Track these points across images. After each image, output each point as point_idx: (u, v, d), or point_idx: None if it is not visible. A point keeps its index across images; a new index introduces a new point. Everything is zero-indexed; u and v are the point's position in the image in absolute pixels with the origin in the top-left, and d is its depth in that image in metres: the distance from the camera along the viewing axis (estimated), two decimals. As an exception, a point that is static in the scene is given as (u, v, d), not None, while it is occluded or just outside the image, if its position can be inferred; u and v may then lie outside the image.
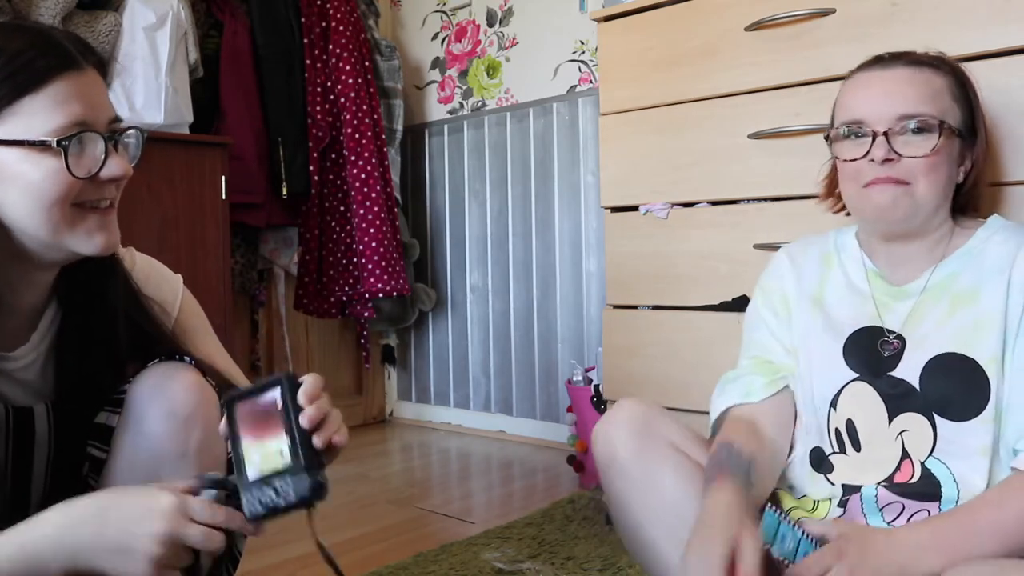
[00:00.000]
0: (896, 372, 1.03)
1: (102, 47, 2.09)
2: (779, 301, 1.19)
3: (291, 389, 0.80)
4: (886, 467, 1.01)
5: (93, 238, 0.87)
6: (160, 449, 0.90)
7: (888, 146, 1.02)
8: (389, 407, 3.32)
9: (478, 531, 1.90)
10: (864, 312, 1.09)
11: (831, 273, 1.16)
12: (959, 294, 1.03)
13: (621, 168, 1.95)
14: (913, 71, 1.05)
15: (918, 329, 1.04)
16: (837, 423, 1.06)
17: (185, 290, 1.10)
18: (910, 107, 1.02)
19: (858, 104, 1.06)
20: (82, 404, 0.95)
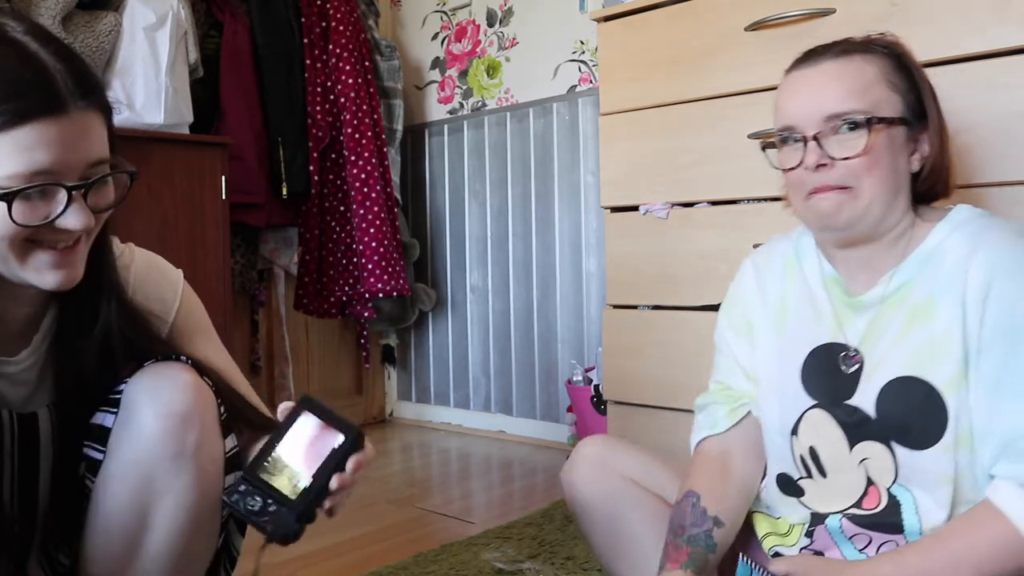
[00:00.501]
0: (853, 400, 0.99)
1: (102, 47, 2.09)
2: (740, 319, 1.15)
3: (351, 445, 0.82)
4: (852, 494, 0.99)
5: (44, 275, 0.84)
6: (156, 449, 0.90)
7: (820, 151, 0.95)
8: (389, 407, 3.32)
9: (478, 531, 1.90)
10: (823, 327, 1.04)
11: (792, 285, 1.09)
12: (915, 307, 0.96)
13: (621, 168, 1.95)
14: (840, 64, 0.97)
15: (876, 347, 0.98)
16: (800, 450, 1.03)
17: (186, 286, 1.09)
18: (836, 105, 0.95)
19: (787, 108, 1.00)
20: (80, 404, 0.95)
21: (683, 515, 1.05)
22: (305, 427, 0.83)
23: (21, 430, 0.94)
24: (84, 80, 0.82)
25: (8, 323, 0.92)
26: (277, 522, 0.79)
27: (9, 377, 0.93)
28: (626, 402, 1.95)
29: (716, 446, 1.10)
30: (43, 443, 0.95)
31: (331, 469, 0.81)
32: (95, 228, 0.88)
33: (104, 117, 0.84)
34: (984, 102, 1.39)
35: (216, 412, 0.94)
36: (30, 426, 0.95)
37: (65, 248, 0.84)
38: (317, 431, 0.83)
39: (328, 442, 0.82)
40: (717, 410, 1.13)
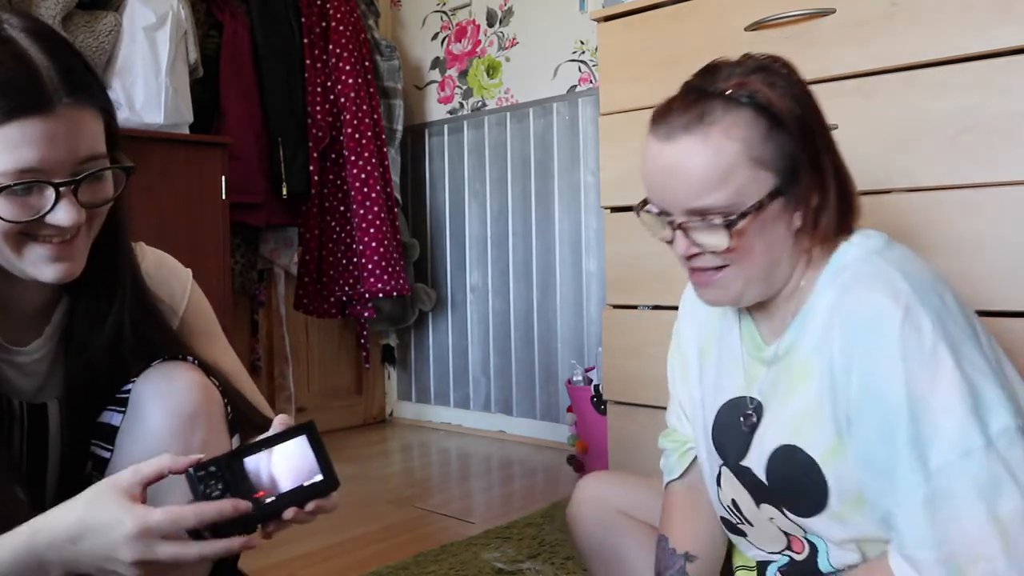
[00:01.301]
0: (746, 462, 0.97)
1: (102, 47, 2.09)
2: (678, 359, 1.14)
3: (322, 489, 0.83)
4: (777, 543, 0.99)
5: (41, 269, 0.85)
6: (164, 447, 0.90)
7: (687, 240, 0.90)
8: (389, 407, 3.32)
9: (478, 531, 1.90)
10: (735, 379, 1.01)
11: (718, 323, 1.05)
12: (795, 372, 0.92)
13: (621, 168, 1.95)
14: (696, 143, 0.86)
15: (770, 403, 0.95)
16: (725, 500, 1.03)
17: (194, 285, 1.09)
18: (694, 200, 0.86)
19: (650, 188, 0.92)
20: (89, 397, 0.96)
21: (659, 561, 1.09)
22: (296, 450, 0.83)
23: (31, 420, 0.94)
24: (74, 77, 0.81)
25: (19, 314, 0.93)
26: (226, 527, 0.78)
27: (20, 367, 0.94)
28: (626, 402, 1.95)
29: (681, 487, 1.13)
30: (52, 434, 0.96)
31: (295, 500, 0.81)
32: (96, 222, 0.88)
33: (99, 113, 0.84)
34: (984, 102, 1.39)
35: (223, 411, 0.95)
36: (40, 417, 0.95)
37: (61, 242, 0.84)
38: (304, 459, 0.83)
39: (306, 474, 0.83)
40: (671, 455, 1.16)
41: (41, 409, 0.95)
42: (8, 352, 0.93)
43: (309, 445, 0.84)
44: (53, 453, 0.97)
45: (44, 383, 0.96)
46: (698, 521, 1.09)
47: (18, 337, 0.94)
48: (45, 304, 0.96)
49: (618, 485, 1.23)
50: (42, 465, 0.96)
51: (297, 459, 0.83)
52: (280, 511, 0.81)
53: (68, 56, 0.83)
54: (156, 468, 0.77)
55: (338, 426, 3.11)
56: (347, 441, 2.94)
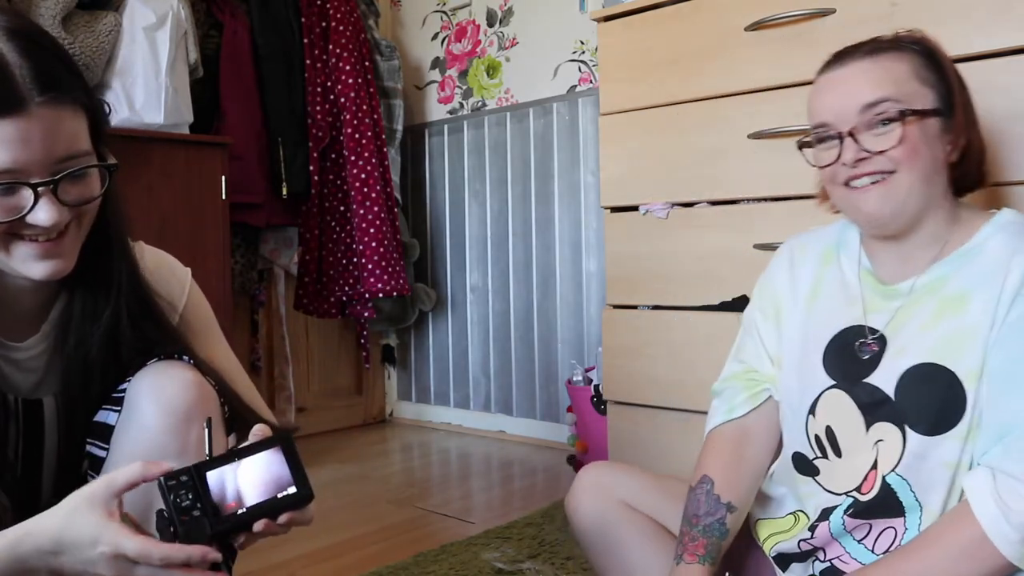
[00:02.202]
0: (872, 379, 1.00)
1: (102, 47, 2.09)
2: (769, 303, 1.16)
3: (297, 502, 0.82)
4: (856, 477, 1.00)
5: (30, 266, 0.85)
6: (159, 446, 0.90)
7: (856, 145, 0.98)
8: (389, 407, 3.32)
9: (478, 531, 1.90)
10: (850, 313, 1.06)
11: (828, 270, 1.11)
12: (947, 299, 0.97)
13: (621, 168, 1.95)
14: (870, 62, 0.99)
15: (900, 333, 1.00)
16: (816, 430, 1.05)
17: (193, 284, 1.09)
18: (869, 95, 0.97)
19: (820, 106, 1.02)
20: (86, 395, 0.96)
21: (697, 503, 1.08)
22: (271, 462, 0.82)
23: (26, 415, 0.95)
24: (49, 75, 0.80)
25: (16, 310, 0.93)
26: (192, 528, 0.77)
27: (17, 363, 0.94)
28: (626, 402, 1.95)
29: (732, 430, 1.13)
30: (47, 430, 0.96)
31: (266, 512, 0.81)
32: (86, 219, 0.88)
33: (80, 110, 0.83)
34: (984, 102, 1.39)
35: (219, 410, 0.95)
36: (35, 412, 0.95)
37: (48, 240, 0.84)
38: (277, 471, 0.82)
39: (279, 486, 0.82)
40: (736, 394, 1.14)
41: (37, 405, 0.96)
42: (5, 348, 0.93)
43: (283, 456, 0.83)
44: (49, 449, 0.97)
45: (41, 379, 0.96)
46: (743, 470, 1.10)
47: (15, 333, 0.94)
48: (43, 301, 0.96)
49: (619, 475, 1.22)
50: (37, 461, 0.96)
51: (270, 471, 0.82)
52: (250, 523, 0.80)
53: (43, 54, 0.81)
54: (128, 478, 0.76)
55: (338, 426, 3.11)
56: (347, 441, 2.94)
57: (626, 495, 1.18)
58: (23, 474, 0.95)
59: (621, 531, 1.16)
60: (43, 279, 0.86)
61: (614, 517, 1.16)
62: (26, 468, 0.95)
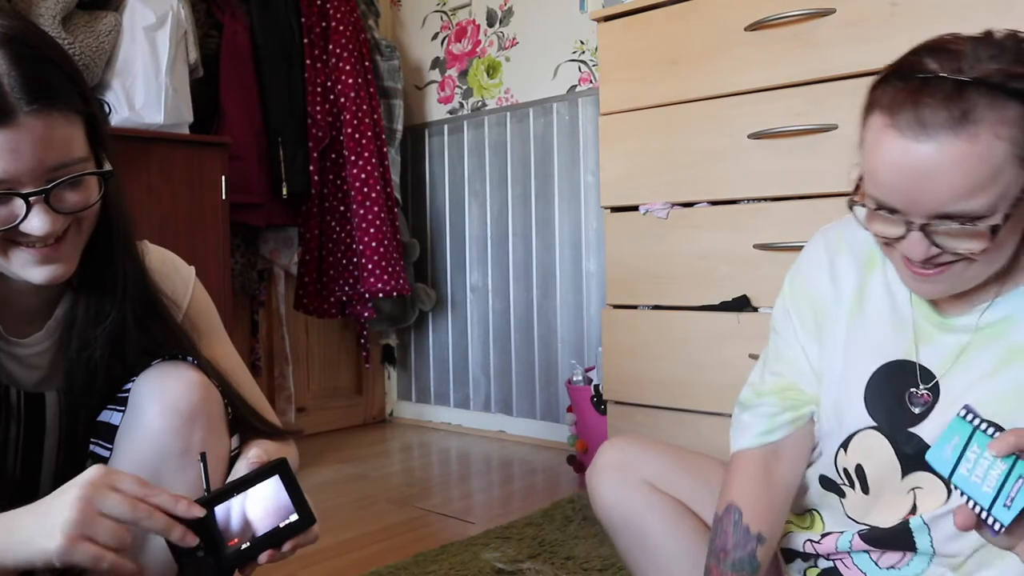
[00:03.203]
0: (919, 429, 0.90)
1: (102, 47, 2.09)
2: (808, 309, 1.02)
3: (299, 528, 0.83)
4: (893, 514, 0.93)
5: (29, 271, 0.85)
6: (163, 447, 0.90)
7: (928, 242, 0.80)
8: (389, 407, 3.32)
9: (478, 531, 1.90)
10: (900, 341, 0.93)
11: (872, 278, 0.98)
12: (1014, 347, 0.86)
13: (621, 168, 1.95)
14: (963, 145, 0.75)
15: (958, 379, 0.89)
16: (846, 464, 0.97)
17: (197, 283, 1.09)
18: (951, 204, 0.77)
19: (889, 185, 0.81)
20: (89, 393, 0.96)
21: (725, 536, 0.98)
22: (270, 491, 0.83)
23: (28, 409, 0.95)
24: (39, 83, 0.79)
25: (19, 308, 0.94)
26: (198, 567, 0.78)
27: (20, 359, 0.94)
28: (626, 402, 1.95)
29: (764, 451, 1.01)
30: (49, 425, 0.97)
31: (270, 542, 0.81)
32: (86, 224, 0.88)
33: (75, 116, 0.82)
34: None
35: (223, 411, 0.95)
36: (37, 406, 0.96)
37: (46, 246, 0.84)
38: (278, 500, 0.83)
39: (281, 515, 0.83)
40: (775, 415, 1.01)
41: (39, 399, 0.96)
42: (8, 343, 0.93)
43: (282, 485, 0.84)
44: (49, 444, 0.97)
45: (44, 375, 0.97)
46: (774, 496, 0.99)
47: (19, 330, 0.94)
48: (46, 300, 0.96)
49: (644, 452, 1.12)
50: (37, 456, 0.97)
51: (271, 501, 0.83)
52: (255, 556, 0.80)
53: (35, 61, 0.80)
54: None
55: (338, 426, 3.11)
56: (347, 441, 2.94)
57: (651, 475, 1.09)
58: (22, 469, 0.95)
59: (647, 517, 1.08)
60: (44, 283, 0.86)
61: (639, 500, 1.08)
62: (26, 463, 0.95)
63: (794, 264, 1.06)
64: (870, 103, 0.85)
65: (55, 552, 0.72)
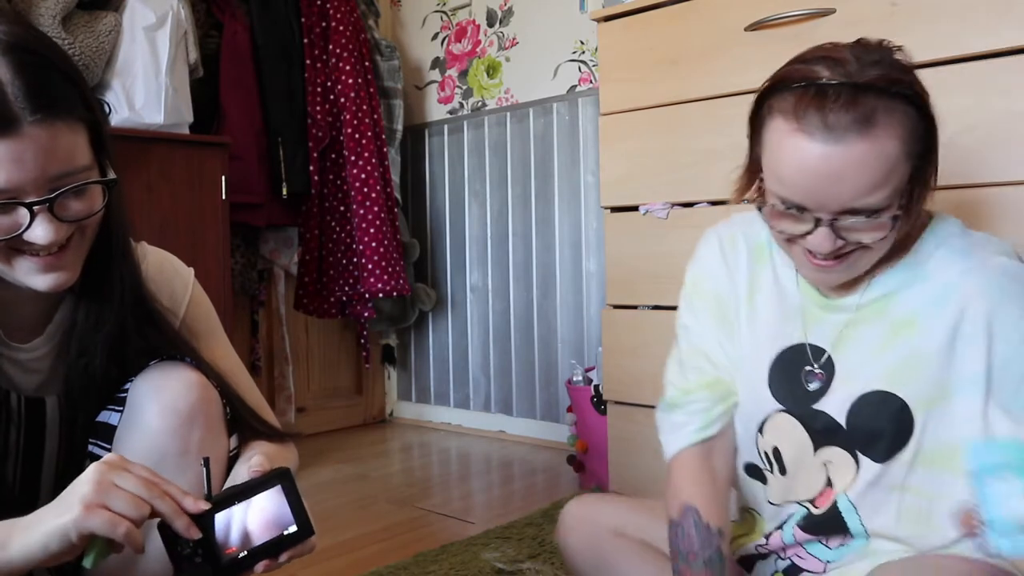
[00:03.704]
0: (821, 405, 0.97)
1: (102, 47, 2.09)
2: (713, 303, 1.08)
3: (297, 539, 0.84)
4: (810, 492, 1.00)
5: (33, 279, 0.85)
6: (162, 447, 0.90)
7: (834, 236, 0.87)
8: (389, 407, 3.32)
9: (478, 531, 1.90)
10: (791, 327, 1.00)
11: (762, 271, 1.04)
12: (897, 321, 0.93)
13: (621, 168, 1.95)
14: (863, 147, 0.82)
15: (848, 355, 0.96)
16: (764, 447, 1.03)
17: (196, 285, 1.09)
18: (856, 200, 0.84)
19: (795, 185, 0.86)
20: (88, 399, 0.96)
21: (689, 539, 1.01)
22: (271, 501, 0.83)
23: (28, 413, 0.95)
24: (43, 92, 0.78)
25: (20, 314, 0.94)
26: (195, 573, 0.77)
27: (21, 364, 0.94)
28: (626, 402, 1.95)
29: (700, 451, 1.06)
30: (49, 429, 0.96)
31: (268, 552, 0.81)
32: (89, 231, 0.88)
33: (78, 124, 0.82)
34: (984, 102, 1.39)
35: (221, 412, 0.95)
36: (37, 410, 0.96)
37: (49, 255, 0.84)
38: (278, 510, 0.83)
39: (280, 526, 0.83)
40: (707, 409, 1.06)
41: (39, 403, 0.96)
42: (9, 348, 0.93)
43: (283, 494, 0.84)
44: (49, 448, 0.97)
45: (44, 380, 0.97)
46: (719, 488, 1.05)
47: (20, 335, 0.94)
48: (49, 305, 0.96)
49: (605, 505, 1.21)
50: (38, 460, 0.97)
51: (271, 510, 0.83)
52: (251, 566, 0.80)
53: (39, 69, 0.80)
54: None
55: (338, 426, 3.11)
56: (347, 441, 2.94)
57: (614, 522, 1.17)
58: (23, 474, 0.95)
59: (614, 557, 1.14)
60: (47, 291, 0.86)
61: (605, 545, 1.15)
62: (26, 467, 0.95)
63: (691, 263, 1.12)
64: (767, 110, 0.91)
65: (72, 522, 0.72)
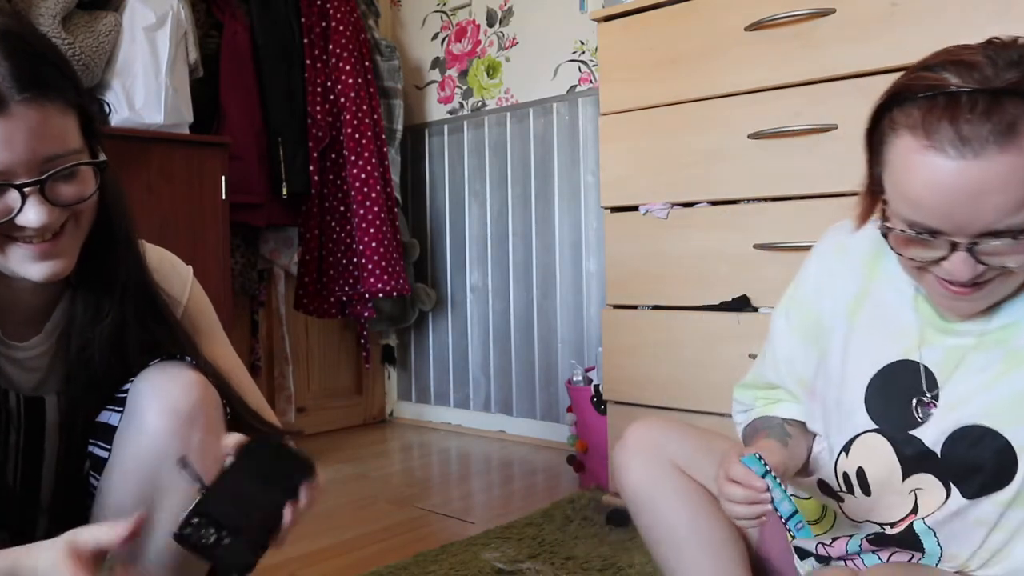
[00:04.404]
0: (919, 432, 0.90)
1: (102, 47, 2.09)
2: (811, 319, 1.02)
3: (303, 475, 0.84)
4: (892, 516, 0.95)
5: (27, 268, 0.85)
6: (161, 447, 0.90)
7: (974, 261, 0.78)
8: (389, 407, 3.32)
9: (478, 531, 1.90)
10: (901, 342, 0.93)
11: (875, 279, 0.97)
12: (1015, 353, 0.85)
13: (621, 168, 1.95)
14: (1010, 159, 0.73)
15: (959, 383, 0.89)
16: (846, 468, 0.97)
17: (195, 283, 1.09)
18: (1002, 220, 0.75)
19: (932, 208, 0.77)
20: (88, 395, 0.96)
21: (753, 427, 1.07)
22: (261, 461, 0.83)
23: (27, 412, 0.95)
24: (30, 74, 0.78)
25: (18, 310, 0.93)
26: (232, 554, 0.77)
27: (19, 362, 0.94)
28: (626, 402, 1.95)
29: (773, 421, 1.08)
30: (49, 428, 0.96)
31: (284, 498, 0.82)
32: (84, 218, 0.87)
33: (67, 107, 0.82)
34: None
35: (221, 412, 0.95)
36: (36, 409, 0.95)
37: (43, 241, 0.83)
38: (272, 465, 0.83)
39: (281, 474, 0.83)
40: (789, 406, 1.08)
41: (39, 402, 0.96)
42: (7, 347, 0.93)
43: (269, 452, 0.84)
44: (49, 447, 0.97)
45: (43, 378, 0.96)
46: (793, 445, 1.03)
47: (18, 333, 0.94)
48: (45, 301, 0.96)
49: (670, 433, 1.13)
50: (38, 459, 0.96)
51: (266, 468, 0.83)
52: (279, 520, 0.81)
53: (26, 53, 0.80)
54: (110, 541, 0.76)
55: (338, 426, 3.11)
56: (347, 441, 2.94)
57: (677, 456, 1.11)
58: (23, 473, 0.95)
59: (672, 503, 1.09)
60: (43, 280, 0.86)
61: (665, 485, 1.09)
62: (26, 466, 0.95)
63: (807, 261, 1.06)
64: (888, 125, 0.81)
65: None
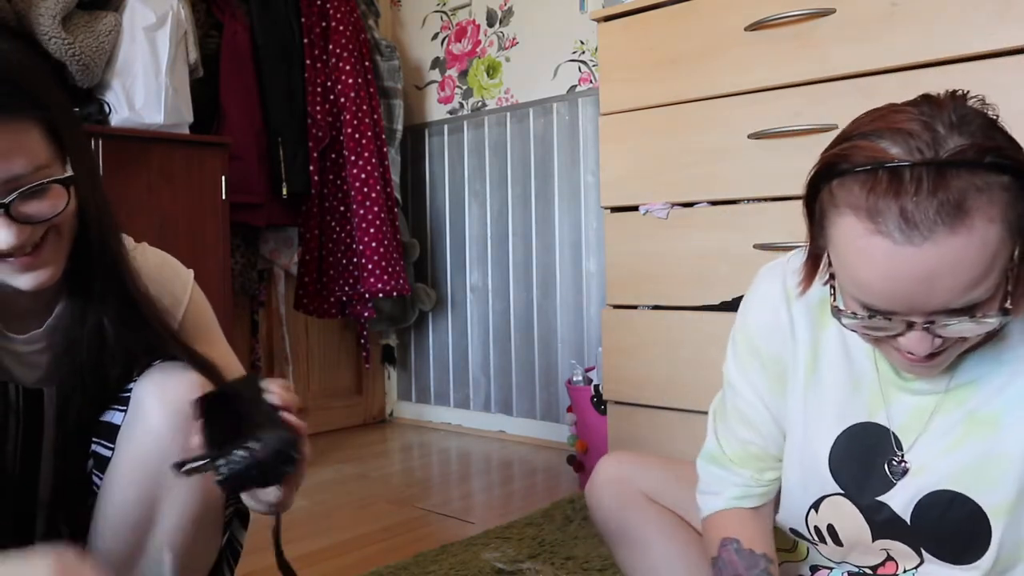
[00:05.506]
0: (885, 498, 0.86)
1: (102, 47, 2.09)
2: (770, 364, 0.94)
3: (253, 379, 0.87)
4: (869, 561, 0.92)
5: (15, 279, 0.85)
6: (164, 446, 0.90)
7: (931, 338, 0.73)
8: (389, 407, 3.32)
9: (478, 531, 1.90)
10: (860, 404, 0.88)
11: (824, 335, 0.90)
12: (976, 415, 0.82)
13: (621, 168, 1.95)
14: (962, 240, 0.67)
15: (923, 446, 0.85)
16: (817, 523, 0.93)
17: (195, 286, 1.09)
18: (956, 300, 0.70)
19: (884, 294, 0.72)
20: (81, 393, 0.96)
21: (733, 564, 0.94)
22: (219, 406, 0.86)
23: (26, 404, 0.95)
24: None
25: (18, 306, 0.94)
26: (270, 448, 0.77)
27: (19, 356, 0.95)
28: (626, 402, 1.95)
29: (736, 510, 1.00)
30: (47, 420, 0.97)
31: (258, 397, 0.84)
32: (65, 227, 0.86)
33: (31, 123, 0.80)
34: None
35: None
36: (35, 401, 0.96)
37: (25, 255, 0.83)
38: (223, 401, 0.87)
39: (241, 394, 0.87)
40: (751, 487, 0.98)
41: (37, 395, 0.96)
42: (8, 340, 0.94)
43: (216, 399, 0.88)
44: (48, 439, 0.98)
45: (44, 373, 0.97)
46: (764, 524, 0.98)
47: (20, 326, 0.95)
48: (46, 299, 0.96)
49: (639, 466, 1.15)
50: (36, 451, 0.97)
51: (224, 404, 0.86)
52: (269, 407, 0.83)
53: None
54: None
55: (338, 426, 3.11)
56: (347, 441, 2.94)
57: (647, 487, 1.12)
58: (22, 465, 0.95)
59: (644, 529, 1.10)
60: (31, 289, 0.86)
61: (636, 513, 1.11)
62: (25, 458, 0.96)
63: (746, 304, 0.97)
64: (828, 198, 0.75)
65: None
